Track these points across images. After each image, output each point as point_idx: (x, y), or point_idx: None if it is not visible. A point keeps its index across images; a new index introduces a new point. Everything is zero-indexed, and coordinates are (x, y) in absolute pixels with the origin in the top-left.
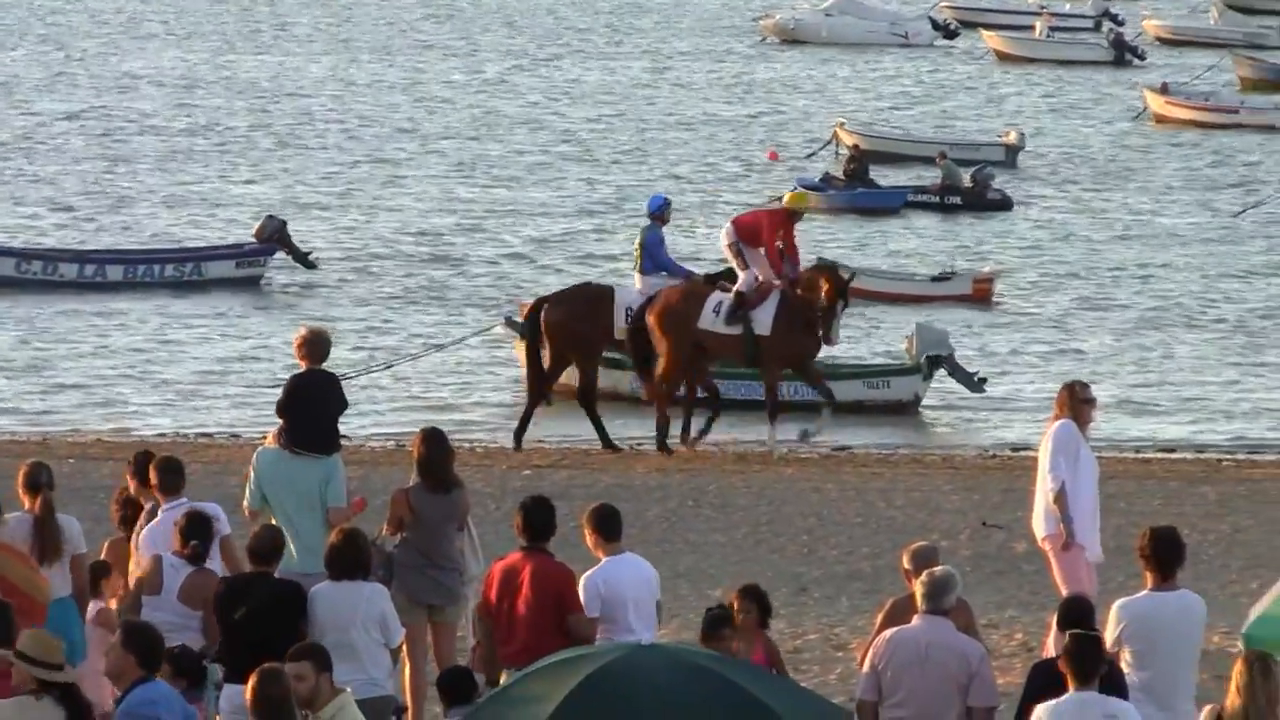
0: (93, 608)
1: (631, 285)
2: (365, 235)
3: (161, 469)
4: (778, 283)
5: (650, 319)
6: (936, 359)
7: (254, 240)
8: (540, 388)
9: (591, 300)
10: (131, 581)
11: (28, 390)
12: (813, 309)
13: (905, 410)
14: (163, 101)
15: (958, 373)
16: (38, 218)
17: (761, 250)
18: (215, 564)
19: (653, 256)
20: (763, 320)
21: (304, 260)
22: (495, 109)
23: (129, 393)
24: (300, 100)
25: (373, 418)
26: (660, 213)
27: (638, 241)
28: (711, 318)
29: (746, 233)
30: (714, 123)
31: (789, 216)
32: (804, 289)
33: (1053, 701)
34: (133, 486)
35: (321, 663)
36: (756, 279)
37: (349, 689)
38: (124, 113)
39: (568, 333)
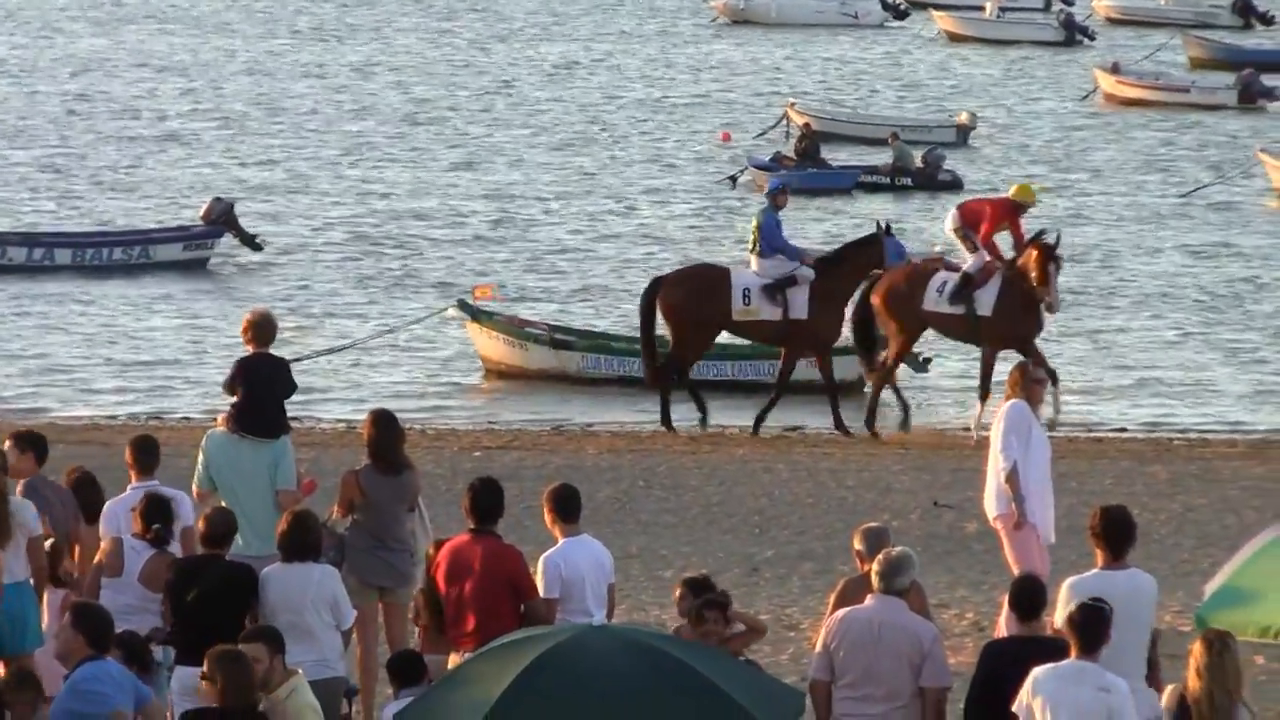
0: (60, 595)
1: (747, 268)
2: (313, 219)
3: (136, 448)
4: (998, 265)
5: (876, 301)
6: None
7: (201, 222)
8: (657, 367)
9: (709, 281)
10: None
11: None
12: (1032, 290)
13: (849, 391)
14: (118, 83)
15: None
16: None
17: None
18: (175, 549)
19: (769, 239)
20: (985, 301)
21: (250, 243)
22: (445, 92)
23: (81, 377)
24: (249, 82)
25: (323, 400)
26: (776, 195)
27: (754, 224)
28: (935, 298)
29: (971, 218)
30: (665, 104)
31: (1015, 208)
32: (1021, 266)
33: (1051, 665)
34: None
35: (275, 645)
36: (985, 261)
37: (301, 670)
38: (79, 94)
39: (684, 313)
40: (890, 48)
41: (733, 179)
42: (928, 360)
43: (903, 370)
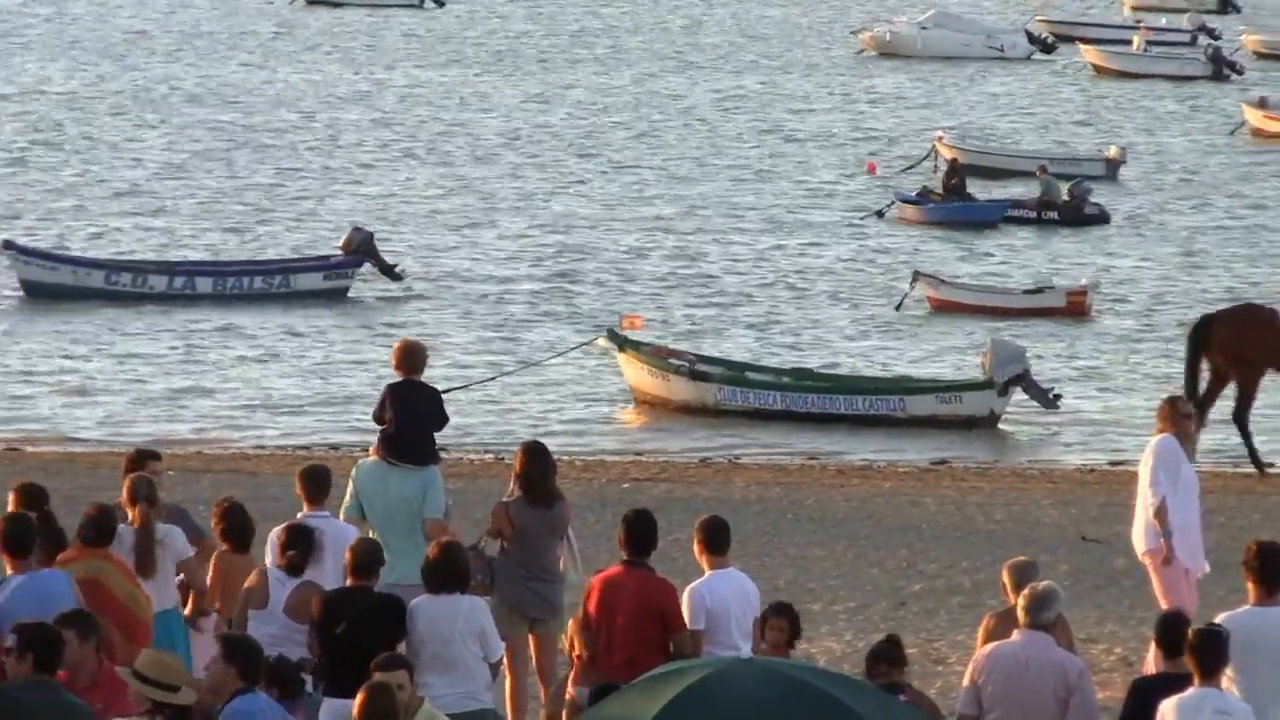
0: (215, 623)
1: None
2: (455, 249)
3: (307, 478)
4: None
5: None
6: (1013, 376)
7: (341, 252)
8: (1202, 403)
9: (1260, 320)
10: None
11: (124, 402)
12: None
13: (980, 425)
14: (262, 113)
15: (1032, 389)
16: (129, 229)
17: None
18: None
19: None
20: None
21: (390, 273)
22: (595, 124)
23: (222, 405)
24: (393, 113)
25: (472, 430)
26: None
27: None
28: None
29: None
30: (813, 135)
31: None
32: None
33: (1177, 695)
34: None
35: (411, 671)
36: None
37: (427, 699)
38: (222, 124)
39: (1233, 350)
40: (1036, 81)
41: (880, 213)
42: (1058, 396)
43: (1032, 405)
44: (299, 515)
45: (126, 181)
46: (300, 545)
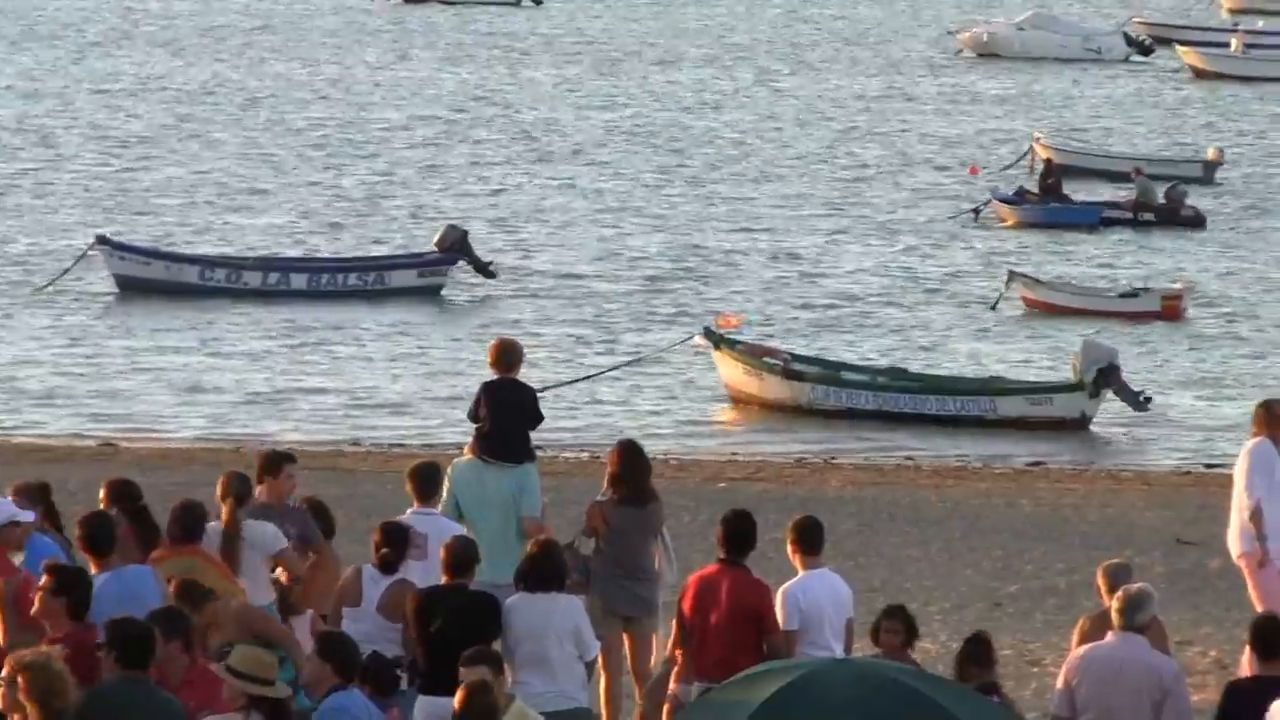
0: (310, 622)
1: None
2: (552, 247)
3: (417, 475)
4: None
5: None
6: (1102, 377)
7: (435, 250)
8: None
9: None
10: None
11: (217, 399)
12: None
13: (1071, 428)
14: (360, 110)
15: (1123, 391)
16: (225, 226)
17: None
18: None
19: None
20: None
21: (485, 270)
22: (692, 123)
23: (316, 402)
24: (491, 111)
25: (567, 428)
26: None
27: None
28: None
29: None
30: (911, 136)
31: None
32: None
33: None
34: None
35: (498, 667)
36: None
37: (518, 696)
38: (320, 120)
39: None
40: (1134, 83)
41: (976, 212)
42: (1148, 399)
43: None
44: (408, 512)
45: (224, 177)
46: (394, 543)
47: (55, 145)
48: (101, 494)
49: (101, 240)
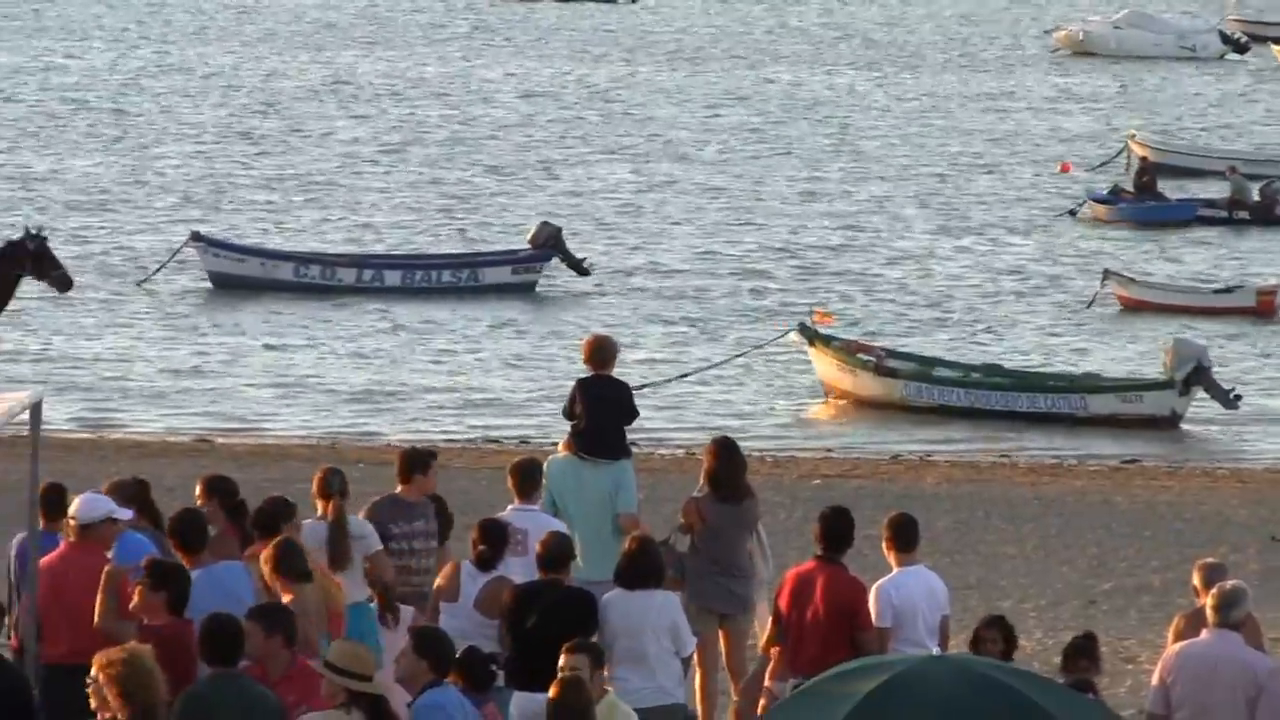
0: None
1: None
2: (646, 244)
3: (518, 472)
4: None
5: None
6: (1193, 375)
7: (529, 246)
8: None
9: None
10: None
11: (312, 395)
12: None
13: (1161, 425)
14: (456, 107)
15: (1213, 389)
16: (320, 222)
17: None
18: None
19: None
20: None
21: (578, 267)
22: (788, 121)
23: (410, 398)
24: (592, 107)
25: (662, 425)
26: None
27: None
28: None
29: None
30: (1007, 134)
31: None
32: None
33: None
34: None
35: (598, 659)
36: None
37: (612, 690)
38: (415, 118)
39: None
40: (1230, 81)
41: (1072, 212)
42: (1239, 397)
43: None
44: (508, 508)
45: (319, 174)
46: (492, 541)
47: (151, 140)
48: (197, 490)
49: (196, 237)
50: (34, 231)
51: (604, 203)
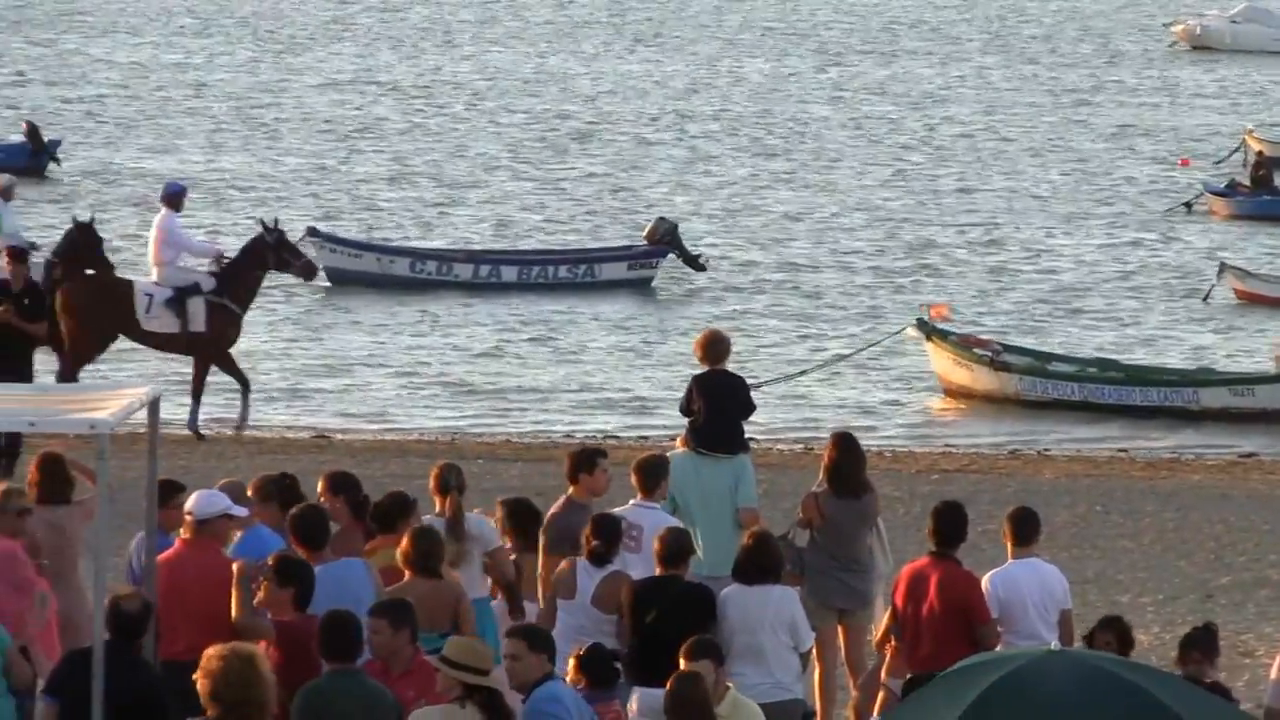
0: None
1: None
2: (760, 240)
3: (642, 469)
4: None
5: None
6: None
7: (645, 242)
8: None
9: None
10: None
11: (433, 390)
12: None
13: (1274, 419)
14: (583, 104)
15: None
16: (441, 218)
17: None
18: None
19: None
20: None
21: (694, 263)
22: (901, 117)
23: (529, 394)
24: (709, 102)
25: (781, 420)
26: None
27: None
28: None
29: None
30: (1126, 128)
31: None
32: None
33: None
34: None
35: (719, 659)
36: None
37: (733, 687)
38: (541, 114)
39: None
40: None
41: (1188, 205)
42: None
43: None
44: (630, 504)
45: (437, 170)
46: (605, 536)
47: (274, 135)
48: (320, 486)
49: (312, 232)
50: (270, 224)
51: (721, 198)
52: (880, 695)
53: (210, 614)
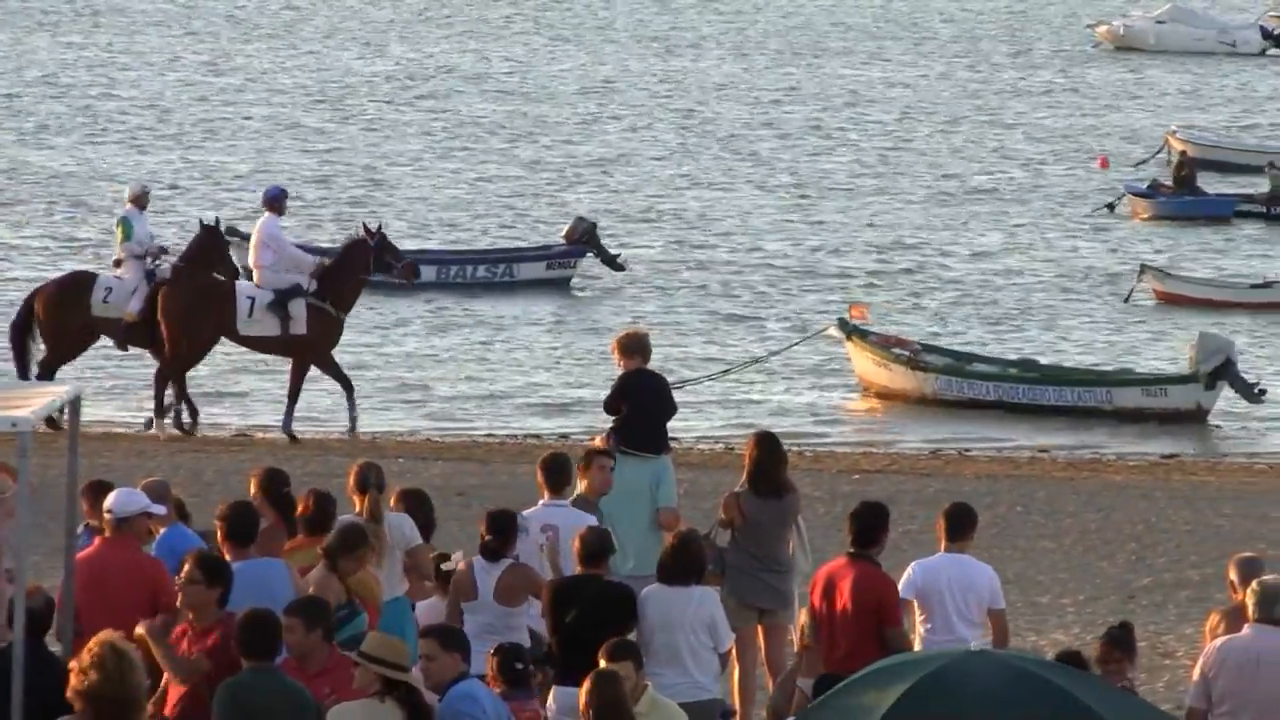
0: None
1: None
2: (677, 240)
3: (547, 466)
4: None
5: None
6: (1218, 369)
7: (564, 242)
8: None
9: None
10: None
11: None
12: None
13: (1187, 420)
14: (507, 103)
15: (1237, 383)
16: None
17: None
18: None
19: None
20: None
21: (613, 263)
22: (822, 119)
23: (446, 392)
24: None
25: (701, 420)
26: None
27: None
28: None
29: None
30: (1047, 128)
31: None
32: None
33: None
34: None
35: (638, 660)
36: None
37: (651, 687)
38: (458, 113)
39: None
40: (1270, 76)
41: (1110, 206)
42: (1263, 391)
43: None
44: (539, 504)
45: (358, 168)
46: (499, 530)
47: (196, 134)
48: (252, 483)
49: (231, 232)
50: (373, 228)
51: (639, 198)
52: (795, 696)
53: (130, 611)
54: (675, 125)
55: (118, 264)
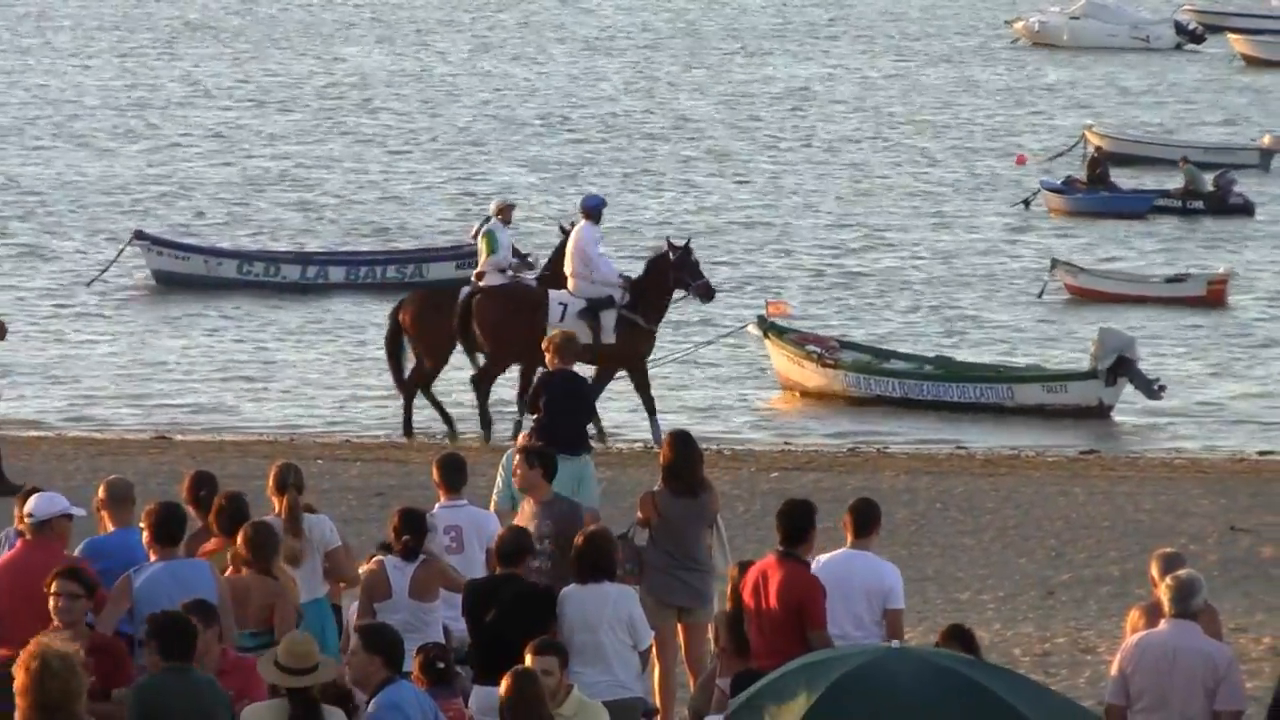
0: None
1: None
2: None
3: (443, 466)
4: None
5: None
6: (1117, 365)
7: (472, 240)
8: None
9: None
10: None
11: (267, 391)
12: None
13: (1089, 415)
14: (414, 103)
15: (1137, 379)
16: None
17: None
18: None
19: None
20: None
21: (523, 261)
22: (754, 113)
23: (365, 394)
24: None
25: (620, 419)
26: None
27: None
28: None
29: None
30: (963, 124)
31: None
32: None
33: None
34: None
35: (564, 658)
36: None
37: (576, 686)
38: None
39: None
40: (1185, 71)
41: (1026, 202)
42: (1163, 387)
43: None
44: (435, 506)
45: (262, 171)
46: (413, 529)
47: (95, 143)
48: (185, 483)
49: (138, 235)
50: (679, 244)
51: (550, 197)
52: (716, 695)
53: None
54: (589, 123)
55: (479, 277)
